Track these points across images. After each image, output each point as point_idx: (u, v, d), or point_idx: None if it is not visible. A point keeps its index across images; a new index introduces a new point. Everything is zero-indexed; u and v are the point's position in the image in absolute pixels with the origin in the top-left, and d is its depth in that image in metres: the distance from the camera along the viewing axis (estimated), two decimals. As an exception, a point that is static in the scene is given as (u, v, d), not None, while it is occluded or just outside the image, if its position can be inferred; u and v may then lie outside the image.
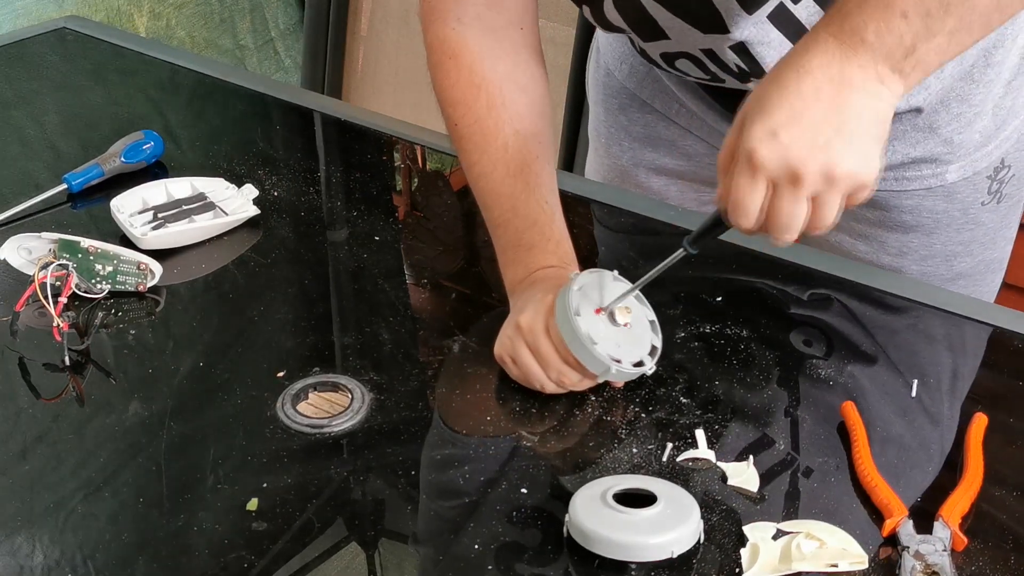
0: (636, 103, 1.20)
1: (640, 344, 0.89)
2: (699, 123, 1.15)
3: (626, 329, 0.88)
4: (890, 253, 1.13)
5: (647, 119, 1.20)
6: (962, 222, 1.10)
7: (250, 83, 1.48)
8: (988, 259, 1.15)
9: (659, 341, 0.90)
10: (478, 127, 0.98)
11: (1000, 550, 0.77)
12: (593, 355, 0.85)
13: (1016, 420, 0.89)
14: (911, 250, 1.12)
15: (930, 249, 1.12)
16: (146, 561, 0.76)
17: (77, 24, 1.64)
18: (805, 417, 0.89)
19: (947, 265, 1.13)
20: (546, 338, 0.88)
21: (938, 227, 1.10)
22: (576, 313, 0.86)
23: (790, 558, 0.75)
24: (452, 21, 1.00)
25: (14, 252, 1.03)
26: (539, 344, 0.88)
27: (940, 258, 1.12)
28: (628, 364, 0.87)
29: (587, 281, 0.89)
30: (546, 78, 1.03)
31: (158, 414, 0.89)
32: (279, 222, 1.16)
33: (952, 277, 1.13)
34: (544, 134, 1.00)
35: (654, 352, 0.89)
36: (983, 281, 1.16)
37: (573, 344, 0.86)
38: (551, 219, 0.97)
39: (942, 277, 1.13)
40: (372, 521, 0.82)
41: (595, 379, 0.88)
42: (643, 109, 1.20)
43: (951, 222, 1.10)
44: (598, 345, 0.85)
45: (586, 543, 0.76)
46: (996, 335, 0.99)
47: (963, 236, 1.11)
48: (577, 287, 0.88)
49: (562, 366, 0.88)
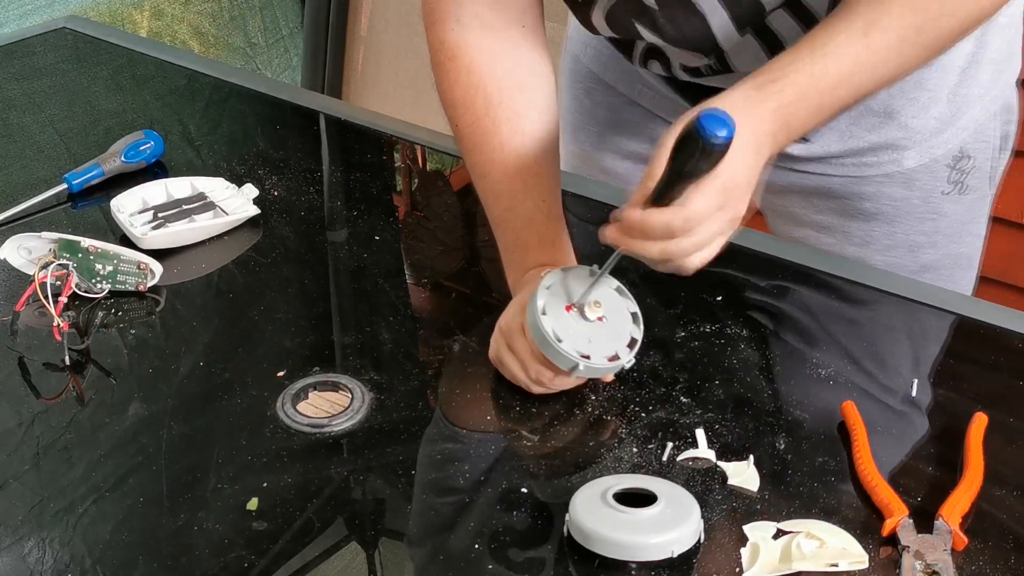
0: (601, 86, 1.21)
1: (617, 337, 0.89)
2: (663, 103, 1.16)
3: (600, 324, 0.88)
4: (854, 243, 1.14)
5: (612, 102, 1.20)
6: (923, 211, 1.11)
7: (250, 83, 1.49)
8: (955, 253, 1.16)
9: (640, 333, 0.89)
10: (476, 127, 0.99)
11: (1000, 549, 0.77)
12: (558, 352, 0.85)
13: (1016, 420, 0.89)
14: (874, 239, 1.13)
15: (893, 239, 1.13)
16: (146, 560, 0.76)
17: (78, 24, 1.64)
18: (805, 416, 0.89)
19: (911, 256, 1.14)
20: (521, 337, 0.89)
21: (899, 215, 1.11)
22: (543, 312, 0.86)
23: (790, 558, 0.75)
24: (451, 22, 1.00)
25: (14, 252, 1.03)
26: (515, 344, 0.89)
27: (904, 248, 1.13)
28: (601, 359, 0.87)
29: (559, 279, 0.89)
30: (550, 75, 1.02)
31: (158, 414, 0.89)
32: (279, 222, 1.16)
33: (917, 269, 1.14)
34: (544, 132, 0.99)
35: (633, 344, 0.89)
36: (951, 277, 1.17)
37: (540, 343, 0.86)
38: (547, 217, 0.96)
39: (907, 268, 1.14)
40: (372, 521, 0.82)
41: (570, 376, 0.88)
42: (608, 92, 1.20)
43: (912, 210, 1.11)
44: (564, 342, 0.85)
45: (586, 542, 0.75)
46: (996, 335, 0.99)
47: (925, 226, 1.12)
48: (547, 285, 0.88)
49: (537, 365, 0.88)
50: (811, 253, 1.11)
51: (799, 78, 0.82)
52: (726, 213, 0.79)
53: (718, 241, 0.81)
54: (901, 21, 0.83)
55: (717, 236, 0.80)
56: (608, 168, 1.24)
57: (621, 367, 0.88)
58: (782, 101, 0.82)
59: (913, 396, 0.92)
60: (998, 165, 1.14)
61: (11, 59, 1.54)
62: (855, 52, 0.83)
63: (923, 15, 0.83)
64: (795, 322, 1.03)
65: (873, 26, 0.83)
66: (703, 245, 0.79)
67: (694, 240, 0.79)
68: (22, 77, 1.49)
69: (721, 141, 0.71)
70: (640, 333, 0.90)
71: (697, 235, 0.78)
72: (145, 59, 1.55)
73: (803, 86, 0.83)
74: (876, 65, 0.84)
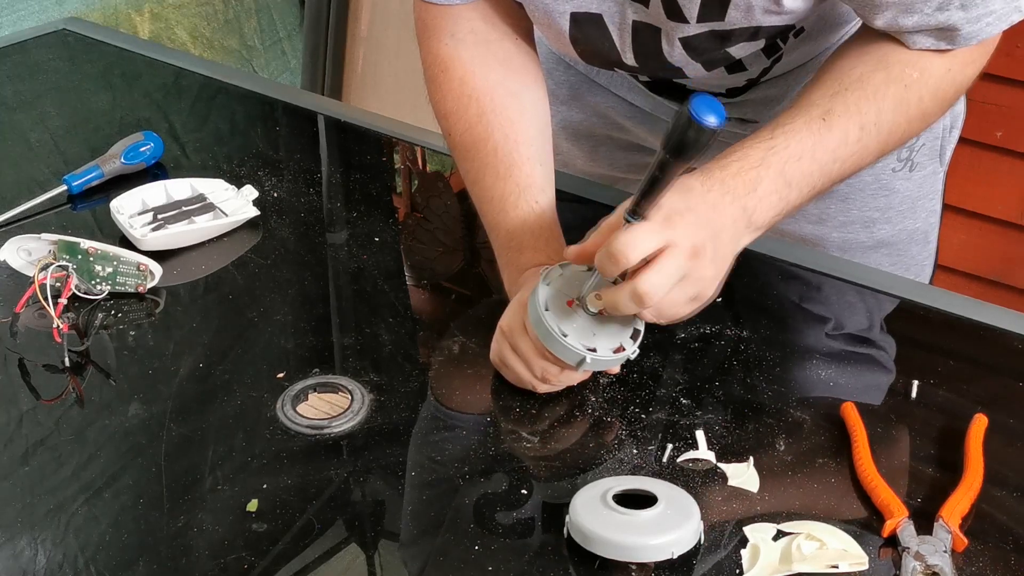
0: (562, 66, 1.23)
1: (621, 329, 0.89)
2: (623, 82, 1.18)
3: (602, 317, 0.88)
4: (811, 221, 1.16)
5: (572, 81, 1.22)
6: (875, 188, 1.14)
7: (250, 84, 1.49)
8: (910, 228, 1.18)
9: (642, 324, 0.89)
10: (469, 135, 1.00)
11: (1000, 551, 0.77)
12: (565, 347, 0.85)
13: (1016, 421, 0.89)
14: (829, 216, 1.16)
15: (848, 215, 1.15)
16: (146, 562, 0.76)
17: (77, 26, 1.64)
18: (805, 418, 0.89)
19: (867, 232, 1.16)
20: (524, 336, 0.89)
21: (852, 192, 1.14)
22: (546, 308, 0.86)
23: (790, 559, 0.75)
24: (446, 37, 1.02)
25: (14, 253, 1.03)
26: (519, 343, 0.89)
27: (859, 224, 1.16)
28: (607, 351, 0.87)
29: (558, 275, 0.89)
30: (542, 84, 1.05)
31: (158, 415, 0.89)
32: (279, 223, 1.16)
33: (874, 245, 1.16)
34: (537, 137, 1.01)
35: (636, 336, 0.89)
36: (908, 252, 1.19)
37: (546, 339, 0.86)
38: (540, 218, 0.97)
39: (863, 244, 1.16)
40: (372, 522, 0.82)
41: (576, 371, 0.88)
42: (568, 72, 1.23)
43: (864, 187, 1.14)
44: (569, 337, 0.86)
45: (586, 544, 0.75)
46: (997, 337, 0.99)
47: (879, 202, 1.15)
48: (547, 282, 0.88)
49: (543, 362, 0.88)
50: (808, 253, 1.11)
51: (756, 150, 0.85)
52: (688, 283, 0.81)
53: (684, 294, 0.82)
54: (859, 109, 0.87)
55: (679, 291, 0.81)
56: (563, 149, 1.26)
57: (627, 358, 0.88)
58: (744, 166, 0.84)
59: (913, 397, 0.92)
60: (947, 144, 1.16)
61: (11, 61, 1.54)
62: (814, 131, 0.86)
63: (879, 105, 0.87)
64: (795, 323, 1.03)
65: (831, 113, 0.86)
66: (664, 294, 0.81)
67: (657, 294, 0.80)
68: (20, 78, 1.49)
69: (710, 126, 0.71)
70: (642, 324, 0.90)
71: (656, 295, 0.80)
72: (144, 61, 1.55)
73: (763, 154, 0.85)
74: (837, 146, 0.86)
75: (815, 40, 1.02)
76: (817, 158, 0.86)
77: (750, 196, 0.84)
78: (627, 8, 0.93)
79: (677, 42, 0.94)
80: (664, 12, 0.90)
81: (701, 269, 0.81)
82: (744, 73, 1.03)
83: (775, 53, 1.01)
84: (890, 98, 0.88)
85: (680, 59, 0.96)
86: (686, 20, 0.90)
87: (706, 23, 0.90)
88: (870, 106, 0.87)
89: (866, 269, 1.10)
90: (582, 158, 1.28)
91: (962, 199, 2.07)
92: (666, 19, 0.91)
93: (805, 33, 0.99)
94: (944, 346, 1.01)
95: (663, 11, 0.90)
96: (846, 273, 1.07)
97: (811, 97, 0.88)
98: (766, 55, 1.00)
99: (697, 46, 0.94)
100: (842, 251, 1.17)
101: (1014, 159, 2.08)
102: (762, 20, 0.90)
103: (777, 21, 0.90)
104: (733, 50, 0.95)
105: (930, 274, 1.24)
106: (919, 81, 0.88)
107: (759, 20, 0.89)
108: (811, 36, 1.00)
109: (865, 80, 0.88)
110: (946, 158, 1.17)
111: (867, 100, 0.87)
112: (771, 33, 0.93)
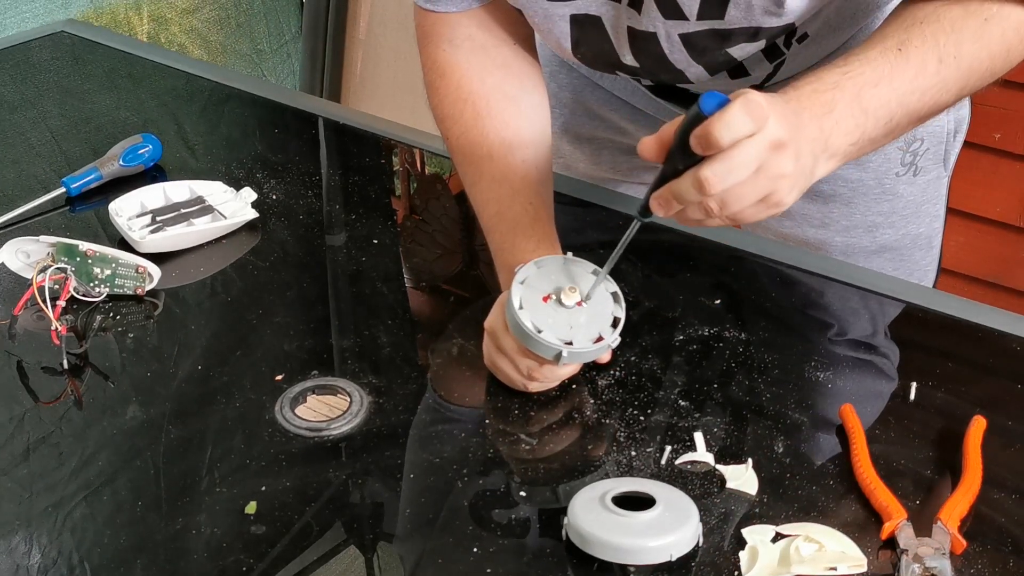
0: (565, 69, 1.22)
1: (600, 319, 0.89)
2: (627, 86, 1.18)
3: (580, 309, 0.88)
4: (814, 225, 1.16)
5: (575, 84, 1.22)
6: (878, 192, 1.13)
7: (248, 86, 1.49)
8: (913, 233, 1.17)
9: (622, 312, 0.89)
10: (465, 139, 1.01)
11: (999, 553, 0.77)
12: (539, 343, 0.86)
13: (1015, 423, 0.89)
14: (833, 220, 1.15)
15: (851, 219, 1.15)
16: (144, 564, 0.76)
17: (76, 28, 1.64)
18: (804, 419, 0.89)
19: (870, 236, 1.16)
20: (507, 336, 0.89)
21: (855, 196, 1.13)
22: (520, 306, 0.86)
23: (789, 561, 0.75)
24: (444, 43, 1.03)
25: (12, 255, 1.03)
26: (502, 343, 0.90)
27: (862, 228, 1.15)
28: (585, 342, 0.87)
29: (533, 272, 0.89)
30: (542, 87, 1.05)
31: (156, 417, 0.89)
32: (277, 225, 1.16)
33: (877, 249, 1.16)
34: (534, 140, 1.01)
35: (617, 323, 0.89)
36: (911, 257, 1.19)
37: (522, 336, 0.86)
38: (534, 220, 0.97)
39: (867, 249, 1.16)
40: (371, 524, 0.82)
41: (557, 365, 0.88)
42: (572, 75, 1.22)
43: (867, 191, 1.13)
44: (544, 332, 0.86)
45: (585, 546, 0.75)
46: (995, 338, 0.99)
47: (882, 207, 1.14)
48: (520, 280, 0.88)
49: (527, 360, 0.88)
50: (807, 255, 1.11)
51: (831, 73, 0.80)
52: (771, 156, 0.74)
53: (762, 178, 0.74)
54: (936, 40, 0.82)
55: (756, 170, 0.73)
56: (565, 152, 1.26)
57: (607, 347, 0.88)
58: (819, 87, 0.79)
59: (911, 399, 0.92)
60: (951, 149, 1.16)
61: (10, 63, 1.54)
62: (890, 59, 0.81)
63: (958, 36, 0.83)
64: (794, 324, 1.03)
65: (907, 43, 0.82)
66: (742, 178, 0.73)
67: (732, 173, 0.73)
68: (20, 80, 1.49)
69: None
70: (622, 312, 0.89)
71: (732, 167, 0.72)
72: (143, 63, 1.55)
73: (837, 78, 0.80)
74: (915, 75, 0.82)
75: (818, 45, 1.02)
76: (895, 87, 0.81)
77: (826, 117, 0.78)
78: (621, 13, 0.93)
79: (677, 39, 0.93)
80: (660, 13, 0.90)
81: (780, 165, 0.74)
82: (747, 79, 1.03)
83: (777, 58, 1.00)
84: (969, 30, 0.83)
85: (682, 60, 0.96)
86: (686, 17, 0.90)
87: (706, 21, 0.90)
88: (948, 38, 0.82)
89: (869, 273, 1.10)
90: (584, 161, 1.28)
91: (961, 201, 2.07)
92: (663, 20, 0.91)
93: (808, 39, 0.99)
94: (942, 348, 1.01)
95: (659, 12, 0.90)
96: (849, 277, 1.07)
97: (885, 31, 0.84)
98: (768, 59, 1.00)
99: (697, 44, 0.94)
100: (845, 255, 1.16)
101: (1013, 161, 2.08)
102: (762, 21, 0.89)
103: (777, 22, 0.90)
104: (734, 51, 0.94)
105: (933, 279, 1.23)
106: (999, 15, 0.84)
107: (759, 20, 0.89)
108: (814, 41, 1.00)
109: (941, 13, 0.83)
110: (950, 163, 1.17)
111: (944, 32, 0.82)
112: (771, 34, 0.93)
